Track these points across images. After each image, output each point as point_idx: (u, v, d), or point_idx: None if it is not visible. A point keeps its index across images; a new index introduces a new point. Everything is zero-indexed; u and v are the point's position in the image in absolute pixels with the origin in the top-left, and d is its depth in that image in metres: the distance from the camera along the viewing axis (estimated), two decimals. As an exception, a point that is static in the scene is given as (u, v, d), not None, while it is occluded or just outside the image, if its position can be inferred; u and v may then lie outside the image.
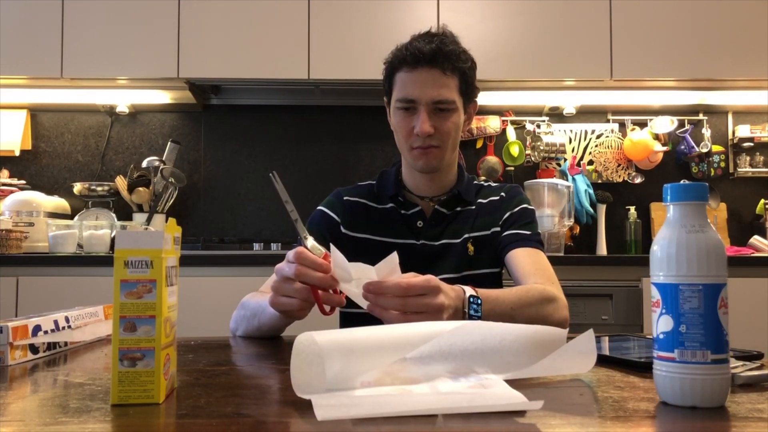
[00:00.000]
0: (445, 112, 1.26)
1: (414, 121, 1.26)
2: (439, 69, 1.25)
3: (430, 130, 1.24)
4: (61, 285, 2.33)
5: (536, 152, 3.07)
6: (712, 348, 0.61)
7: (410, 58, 1.25)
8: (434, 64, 1.24)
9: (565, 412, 0.62)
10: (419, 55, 1.24)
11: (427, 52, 1.24)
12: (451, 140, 1.29)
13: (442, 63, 1.25)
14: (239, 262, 2.41)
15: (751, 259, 2.53)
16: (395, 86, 1.29)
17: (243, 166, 3.11)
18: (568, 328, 1.16)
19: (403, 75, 1.27)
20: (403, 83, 1.27)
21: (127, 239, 0.64)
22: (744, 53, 2.74)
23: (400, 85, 1.28)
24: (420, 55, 1.24)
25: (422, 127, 1.23)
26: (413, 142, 1.28)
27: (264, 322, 1.10)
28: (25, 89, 2.87)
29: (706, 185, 0.65)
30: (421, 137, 1.25)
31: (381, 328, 0.75)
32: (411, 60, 1.25)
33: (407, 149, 1.30)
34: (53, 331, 0.95)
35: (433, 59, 1.24)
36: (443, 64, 1.25)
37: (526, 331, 0.77)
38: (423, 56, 1.24)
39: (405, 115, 1.27)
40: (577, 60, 2.75)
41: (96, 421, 0.58)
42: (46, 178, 3.05)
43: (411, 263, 1.30)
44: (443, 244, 1.32)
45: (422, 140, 1.26)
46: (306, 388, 0.65)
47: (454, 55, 1.26)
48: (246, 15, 2.71)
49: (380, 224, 1.35)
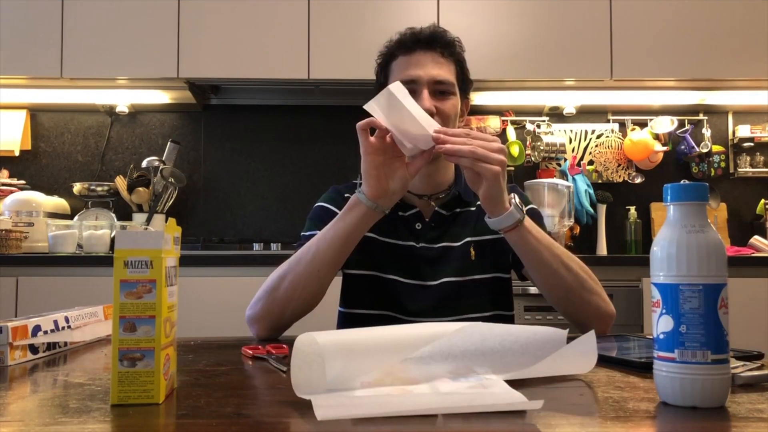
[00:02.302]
0: (445, 94, 1.25)
1: None
2: (438, 51, 1.26)
3: (432, 108, 1.21)
4: (61, 285, 2.33)
5: (536, 152, 3.07)
6: (713, 348, 0.61)
7: (408, 41, 1.26)
8: (432, 46, 1.26)
9: (565, 412, 0.62)
10: (417, 38, 1.26)
11: (425, 35, 1.26)
12: (452, 124, 1.26)
13: (440, 46, 1.26)
14: (239, 262, 2.41)
15: (751, 259, 2.53)
16: (391, 74, 1.28)
17: (243, 166, 3.11)
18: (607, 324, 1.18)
19: (401, 59, 1.27)
20: (401, 67, 1.26)
21: (127, 239, 0.64)
22: (744, 53, 2.74)
23: (397, 70, 1.27)
24: (418, 38, 1.26)
25: (424, 104, 1.20)
26: None
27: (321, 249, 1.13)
28: (25, 89, 2.86)
29: (706, 185, 0.65)
30: None
31: (382, 329, 0.75)
32: (409, 43, 1.26)
33: None
34: (53, 332, 0.95)
35: (431, 42, 1.26)
36: (441, 48, 1.26)
37: (526, 332, 0.77)
38: (420, 39, 1.25)
39: None
40: (577, 60, 2.75)
41: (96, 422, 0.58)
42: (46, 178, 3.05)
43: (411, 265, 1.29)
44: (443, 247, 1.30)
45: None
46: (306, 388, 0.65)
47: (450, 40, 1.28)
48: (246, 15, 2.71)
49: (384, 224, 1.33)
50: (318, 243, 1.14)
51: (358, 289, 1.30)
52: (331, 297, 1.37)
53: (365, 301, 1.30)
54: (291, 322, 1.18)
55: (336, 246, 1.13)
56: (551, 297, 1.20)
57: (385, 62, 1.31)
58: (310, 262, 1.14)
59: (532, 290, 2.35)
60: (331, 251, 1.13)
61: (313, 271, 1.14)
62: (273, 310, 1.15)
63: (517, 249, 1.14)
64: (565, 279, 1.14)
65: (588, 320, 1.18)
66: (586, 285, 1.16)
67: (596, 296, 1.17)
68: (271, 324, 1.16)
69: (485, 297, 1.29)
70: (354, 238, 1.14)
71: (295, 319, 1.18)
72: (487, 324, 0.77)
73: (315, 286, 1.15)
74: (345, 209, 1.14)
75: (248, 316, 1.18)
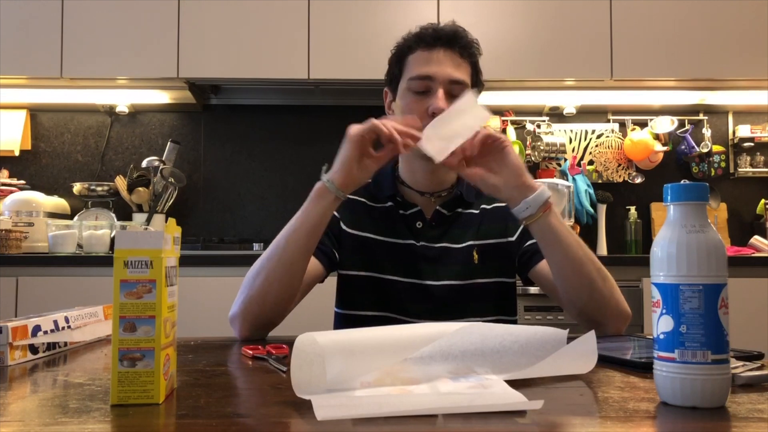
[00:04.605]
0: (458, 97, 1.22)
1: (427, 102, 1.21)
2: (457, 51, 1.24)
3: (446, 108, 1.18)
4: (61, 285, 2.33)
5: (536, 152, 3.07)
6: (713, 348, 0.61)
7: (429, 37, 1.24)
8: (452, 45, 1.24)
9: (565, 412, 0.62)
10: (438, 35, 1.24)
11: (447, 33, 1.24)
12: None
13: (460, 47, 1.24)
14: (239, 262, 2.41)
15: (751, 259, 2.53)
16: (407, 67, 1.26)
17: (243, 166, 3.11)
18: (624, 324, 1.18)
19: (419, 54, 1.25)
20: (418, 62, 1.24)
21: (127, 239, 0.64)
22: (744, 53, 2.74)
23: (414, 65, 1.24)
24: (439, 35, 1.24)
25: (438, 104, 1.18)
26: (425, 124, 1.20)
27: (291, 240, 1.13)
28: (25, 89, 2.86)
29: (706, 185, 0.65)
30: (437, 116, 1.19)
31: (382, 329, 0.75)
32: (430, 39, 1.24)
33: None
34: (53, 332, 0.95)
35: (452, 41, 1.24)
36: (460, 48, 1.24)
37: (526, 332, 0.77)
38: (442, 36, 1.24)
39: (418, 98, 1.23)
40: (577, 60, 2.75)
41: (96, 422, 0.58)
42: (46, 178, 3.05)
43: (410, 264, 1.29)
44: (443, 248, 1.29)
45: None
46: (306, 388, 0.64)
47: (469, 41, 1.27)
48: (246, 15, 2.71)
49: (381, 223, 1.32)
50: (287, 236, 1.14)
51: (356, 290, 1.30)
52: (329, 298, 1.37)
53: (363, 302, 1.29)
54: (272, 319, 1.16)
55: (306, 235, 1.13)
56: (572, 291, 1.14)
57: (402, 54, 1.28)
58: (282, 256, 1.13)
59: (532, 290, 2.35)
60: (302, 241, 1.13)
61: (286, 264, 1.13)
62: (251, 308, 1.14)
63: (546, 236, 1.11)
64: (590, 270, 1.11)
65: (606, 319, 1.14)
66: (607, 279, 1.14)
67: (617, 292, 1.15)
68: (251, 323, 1.14)
69: (488, 301, 1.28)
70: (321, 226, 1.14)
71: (277, 316, 1.16)
72: (487, 324, 0.77)
73: (289, 279, 1.14)
74: (312, 198, 1.14)
75: (229, 317, 1.17)
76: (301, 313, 1.25)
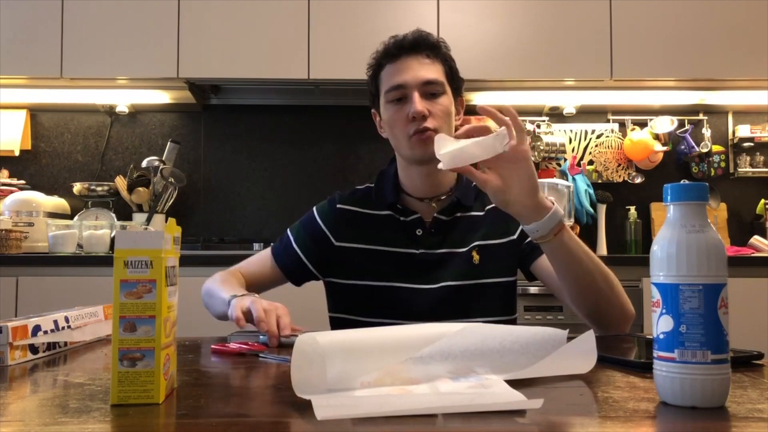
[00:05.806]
0: (436, 95, 1.26)
1: (407, 108, 1.24)
2: (423, 54, 1.27)
3: (424, 111, 1.22)
4: (61, 285, 2.32)
5: (536, 152, 3.07)
6: (713, 348, 0.61)
7: (392, 48, 1.28)
8: (416, 50, 1.27)
9: (565, 412, 0.62)
10: (401, 44, 1.28)
11: (409, 40, 1.28)
12: (446, 124, 1.26)
13: (424, 49, 1.28)
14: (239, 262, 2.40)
15: (751, 259, 2.53)
16: (382, 82, 1.30)
17: (243, 166, 3.11)
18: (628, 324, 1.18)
19: (388, 67, 1.28)
20: (389, 74, 1.28)
21: (127, 239, 0.64)
22: (744, 53, 2.74)
23: (386, 78, 1.28)
24: (402, 44, 1.28)
25: (416, 107, 1.21)
26: (410, 129, 1.24)
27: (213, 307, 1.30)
28: (25, 89, 2.86)
29: (706, 185, 0.65)
30: (417, 120, 1.22)
31: (382, 330, 0.75)
32: (394, 50, 1.28)
33: (405, 140, 1.25)
34: (53, 331, 0.95)
35: (415, 46, 1.27)
36: (425, 50, 1.28)
37: (527, 332, 0.77)
38: (405, 45, 1.27)
39: (397, 107, 1.26)
40: (577, 60, 2.75)
41: (96, 421, 0.58)
42: (46, 178, 3.05)
43: (411, 271, 1.28)
44: (445, 253, 1.29)
45: (418, 124, 1.23)
46: (306, 388, 0.64)
47: (433, 42, 1.30)
48: (246, 15, 2.71)
49: (376, 232, 1.32)
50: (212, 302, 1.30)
51: (354, 297, 1.30)
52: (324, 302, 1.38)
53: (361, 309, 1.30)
54: None
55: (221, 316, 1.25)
56: (578, 299, 1.15)
57: (374, 73, 1.32)
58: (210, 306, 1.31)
59: (533, 290, 2.35)
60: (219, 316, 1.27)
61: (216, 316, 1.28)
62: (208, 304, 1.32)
63: (556, 255, 1.08)
64: (598, 283, 1.11)
65: (611, 321, 1.15)
66: (615, 287, 1.14)
67: (622, 296, 1.16)
68: None
69: (487, 301, 1.28)
70: None
71: None
72: (488, 324, 0.77)
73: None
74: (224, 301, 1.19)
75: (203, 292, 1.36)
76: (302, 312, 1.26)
